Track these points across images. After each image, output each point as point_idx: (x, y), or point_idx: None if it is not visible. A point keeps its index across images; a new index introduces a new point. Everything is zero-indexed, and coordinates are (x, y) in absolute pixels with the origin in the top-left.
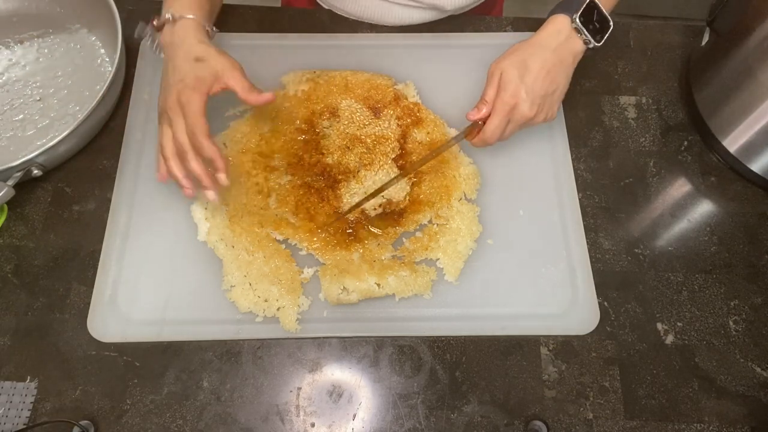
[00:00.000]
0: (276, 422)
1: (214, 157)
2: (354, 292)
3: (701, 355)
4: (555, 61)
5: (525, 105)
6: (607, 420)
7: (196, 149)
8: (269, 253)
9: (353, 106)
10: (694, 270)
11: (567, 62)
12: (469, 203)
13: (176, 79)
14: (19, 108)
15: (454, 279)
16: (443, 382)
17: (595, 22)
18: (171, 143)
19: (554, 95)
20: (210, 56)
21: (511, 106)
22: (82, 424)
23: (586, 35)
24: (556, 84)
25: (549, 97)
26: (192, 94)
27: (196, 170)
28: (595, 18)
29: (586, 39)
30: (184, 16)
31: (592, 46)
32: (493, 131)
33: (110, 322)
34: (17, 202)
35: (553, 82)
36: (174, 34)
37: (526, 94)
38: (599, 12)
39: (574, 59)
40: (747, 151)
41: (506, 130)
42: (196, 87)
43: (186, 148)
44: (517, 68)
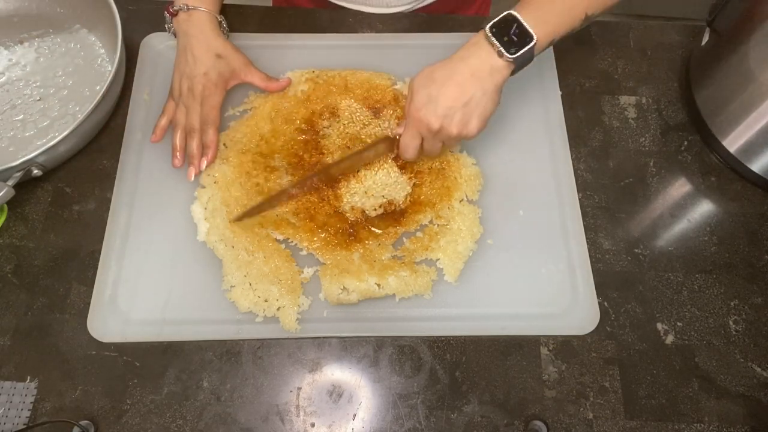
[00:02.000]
0: (276, 422)
1: (212, 147)
2: (354, 292)
3: (701, 355)
4: (466, 73)
5: (431, 117)
6: (607, 420)
7: (202, 134)
8: (269, 253)
9: (353, 106)
10: (694, 270)
11: (481, 74)
12: (471, 204)
13: (199, 71)
14: (19, 108)
15: (453, 279)
16: (443, 382)
17: (513, 35)
18: (183, 120)
19: (467, 108)
20: (229, 53)
21: (417, 119)
22: (82, 424)
23: (498, 47)
24: (467, 96)
25: (459, 110)
26: (215, 90)
27: (194, 150)
28: (513, 31)
29: (499, 51)
30: (198, 8)
31: (508, 60)
32: (405, 144)
33: (110, 322)
34: (17, 202)
35: (464, 94)
36: (190, 24)
37: (430, 104)
38: (519, 26)
39: (492, 72)
40: (747, 151)
41: (425, 145)
42: (218, 84)
43: (194, 131)
44: (425, 80)
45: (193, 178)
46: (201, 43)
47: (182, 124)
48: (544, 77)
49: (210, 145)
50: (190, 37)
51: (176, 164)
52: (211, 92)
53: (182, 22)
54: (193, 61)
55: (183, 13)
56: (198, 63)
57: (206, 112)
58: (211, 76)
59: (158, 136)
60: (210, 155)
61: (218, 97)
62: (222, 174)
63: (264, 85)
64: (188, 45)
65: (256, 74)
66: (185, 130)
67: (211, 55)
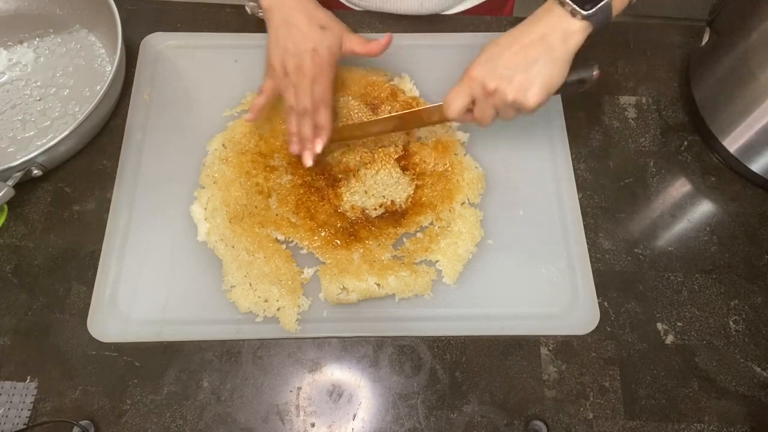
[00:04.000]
0: (276, 422)
1: (326, 127)
2: (354, 292)
3: (701, 355)
4: (534, 36)
5: (487, 75)
6: (607, 420)
7: (314, 114)
8: (269, 253)
9: (351, 103)
10: (694, 270)
11: (551, 39)
12: (472, 207)
13: (306, 47)
14: (19, 108)
15: (452, 282)
16: (443, 382)
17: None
18: (294, 101)
19: (529, 72)
20: (332, 23)
21: (472, 77)
22: (82, 424)
23: (570, 5)
24: (531, 59)
25: (520, 73)
26: (327, 67)
27: (308, 132)
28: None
29: (573, 9)
30: None
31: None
32: (450, 99)
33: (110, 322)
34: (17, 202)
35: (527, 57)
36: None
37: (489, 63)
38: None
39: (564, 37)
40: (747, 151)
41: (476, 110)
42: (330, 60)
43: (307, 113)
44: (490, 44)
45: (310, 162)
46: (302, 14)
47: (293, 106)
48: None
49: (324, 126)
50: (289, 8)
51: (295, 150)
52: (323, 70)
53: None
54: (300, 35)
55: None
56: (305, 38)
57: (319, 91)
58: (321, 52)
59: (255, 115)
60: (324, 136)
61: (331, 75)
62: (221, 174)
63: (363, 49)
64: (288, 17)
65: (355, 40)
66: (298, 113)
67: (315, 28)
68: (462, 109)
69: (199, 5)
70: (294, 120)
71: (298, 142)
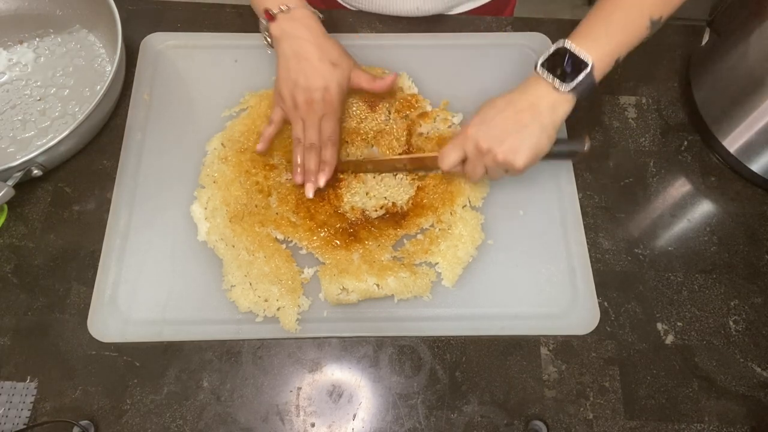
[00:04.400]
0: (276, 422)
1: (330, 162)
2: (353, 292)
3: (701, 355)
4: (525, 104)
5: (481, 135)
6: (607, 420)
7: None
8: (270, 252)
9: (349, 101)
10: (694, 270)
11: (540, 108)
12: (474, 211)
13: (317, 85)
14: (19, 108)
15: (451, 284)
16: (443, 382)
17: (566, 65)
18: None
19: (519, 136)
20: (342, 60)
21: (467, 135)
22: (82, 424)
23: (551, 81)
24: (522, 124)
25: (511, 136)
26: (337, 105)
27: (312, 166)
28: (566, 61)
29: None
30: (299, 6)
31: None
32: (445, 153)
33: (110, 322)
34: (17, 202)
35: (519, 122)
36: (296, 25)
37: (483, 125)
38: (571, 54)
39: (551, 106)
40: (747, 151)
41: (467, 165)
42: (340, 98)
43: (314, 147)
44: (485, 106)
45: (311, 194)
46: (314, 47)
47: (301, 139)
48: None
49: (329, 162)
50: (301, 41)
51: (298, 180)
52: (333, 107)
53: (285, 23)
54: (311, 70)
55: (283, 14)
56: (316, 74)
57: (328, 129)
58: (331, 90)
59: (265, 145)
60: (329, 172)
61: (339, 113)
62: (221, 173)
63: (370, 86)
64: (300, 50)
65: (363, 76)
66: (305, 146)
67: (327, 64)
68: (455, 163)
69: (199, 5)
70: (300, 152)
71: (301, 173)
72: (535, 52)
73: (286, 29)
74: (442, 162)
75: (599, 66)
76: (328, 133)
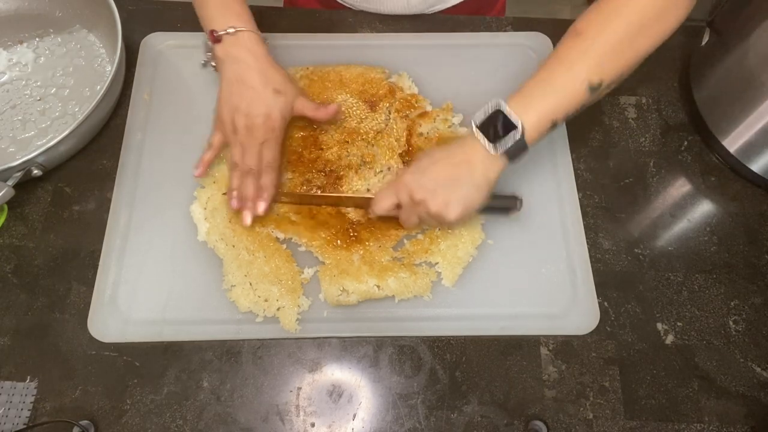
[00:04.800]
0: (276, 422)
1: (269, 188)
2: (354, 293)
3: (701, 355)
4: (460, 158)
5: (414, 185)
6: (607, 420)
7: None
8: (270, 252)
9: (349, 101)
10: (694, 270)
11: (473, 165)
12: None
13: (259, 111)
14: (19, 108)
15: (451, 284)
16: (443, 382)
17: (500, 126)
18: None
19: (451, 189)
20: (286, 88)
21: (402, 183)
22: (82, 424)
23: (482, 142)
24: (455, 179)
25: (444, 189)
26: (278, 132)
27: (250, 192)
28: (500, 122)
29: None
30: (245, 29)
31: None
32: (378, 198)
33: (110, 322)
34: (17, 202)
35: (452, 175)
36: (240, 48)
37: (418, 174)
38: (504, 116)
39: (484, 165)
40: (747, 151)
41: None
42: (281, 126)
43: (252, 173)
44: (423, 156)
45: (249, 221)
46: (257, 73)
47: (239, 164)
48: None
49: (268, 188)
50: (244, 65)
51: (234, 206)
52: (274, 134)
53: (229, 46)
54: (253, 96)
55: (229, 36)
56: (258, 100)
57: (268, 155)
58: (273, 117)
59: (202, 171)
60: (268, 198)
61: (280, 139)
62: (222, 173)
63: (314, 114)
64: (243, 75)
65: (306, 104)
66: (242, 171)
67: (270, 91)
68: (388, 209)
69: None
70: (237, 177)
71: (237, 198)
72: (535, 52)
73: (231, 52)
74: (375, 206)
75: (531, 129)
76: (268, 159)
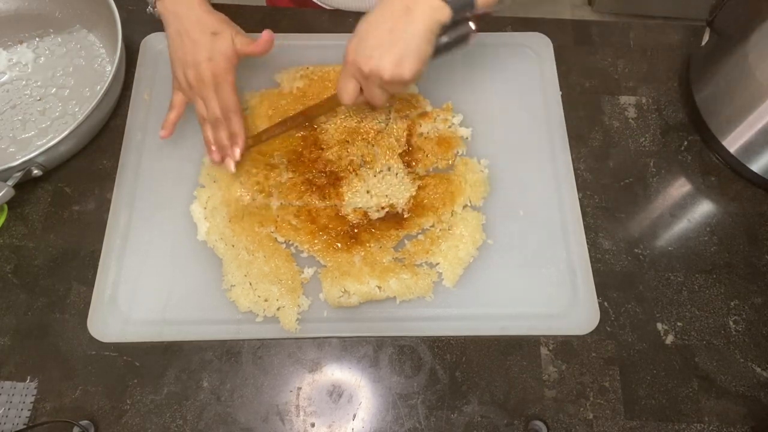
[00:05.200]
0: (276, 422)
1: (239, 133)
2: (355, 294)
3: (701, 355)
4: (399, 8)
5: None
6: (607, 420)
7: (226, 122)
8: (269, 252)
9: None
10: (694, 270)
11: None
12: (474, 211)
13: (203, 57)
14: (19, 108)
15: (452, 285)
16: (443, 382)
17: None
18: (204, 112)
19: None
20: (222, 29)
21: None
22: (82, 424)
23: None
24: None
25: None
26: (226, 75)
27: (224, 141)
28: None
29: None
30: None
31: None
32: (340, 88)
33: (110, 322)
34: (17, 202)
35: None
36: (177, 3)
37: (360, 45)
38: None
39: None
40: (747, 151)
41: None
42: (226, 67)
43: (219, 121)
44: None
45: (234, 168)
46: (192, 22)
47: (205, 116)
48: (545, 77)
49: (238, 132)
50: (181, 18)
51: (215, 158)
52: (222, 78)
53: (169, 4)
54: (192, 45)
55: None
56: (197, 47)
57: (224, 98)
58: (216, 60)
59: (169, 131)
60: (241, 142)
61: (231, 80)
62: (222, 173)
63: (251, 50)
64: (180, 27)
65: (244, 41)
66: (210, 122)
67: (206, 36)
68: (354, 94)
69: None
70: (209, 129)
71: (216, 150)
72: (535, 53)
73: (169, 7)
74: (342, 97)
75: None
76: (227, 104)
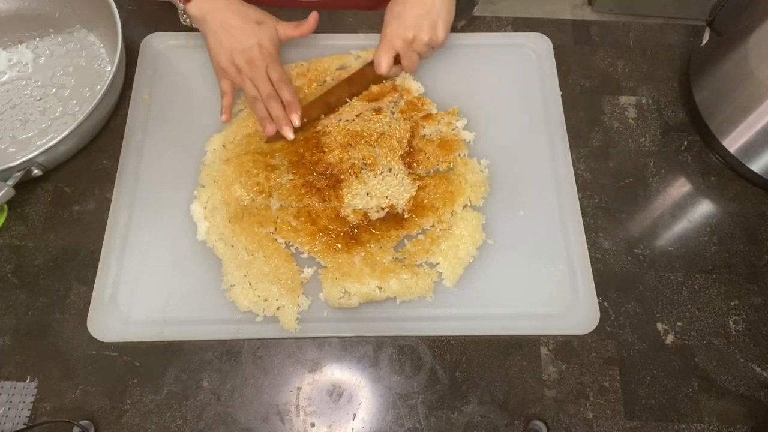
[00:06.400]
0: (276, 422)
1: (293, 100)
2: (355, 295)
3: (701, 355)
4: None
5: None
6: (607, 420)
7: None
8: (269, 252)
9: (354, 103)
10: (694, 270)
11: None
12: (474, 211)
13: (253, 42)
14: (19, 108)
15: (452, 285)
16: (443, 382)
17: None
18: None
19: (431, 16)
20: (264, 17)
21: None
22: (82, 424)
23: None
24: (427, 5)
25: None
26: (274, 56)
27: (280, 113)
28: None
29: None
30: None
31: None
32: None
33: (110, 322)
34: (17, 202)
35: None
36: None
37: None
38: None
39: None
40: (747, 151)
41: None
42: (273, 51)
43: (272, 96)
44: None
45: (292, 135)
46: (235, 14)
47: (256, 95)
48: (545, 77)
49: (291, 101)
50: (222, 11)
51: (270, 131)
52: (273, 58)
53: (200, 2)
54: (241, 34)
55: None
56: (246, 35)
57: (276, 75)
58: (264, 45)
59: (228, 115)
60: (297, 109)
61: (279, 60)
62: (222, 174)
63: (298, 32)
64: (223, 21)
65: (288, 27)
66: (263, 100)
67: (252, 24)
68: (390, 65)
69: None
70: (261, 107)
71: (271, 123)
72: (535, 53)
73: (204, 7)
74: (379, 67)
75: None
76: (277, 78)
